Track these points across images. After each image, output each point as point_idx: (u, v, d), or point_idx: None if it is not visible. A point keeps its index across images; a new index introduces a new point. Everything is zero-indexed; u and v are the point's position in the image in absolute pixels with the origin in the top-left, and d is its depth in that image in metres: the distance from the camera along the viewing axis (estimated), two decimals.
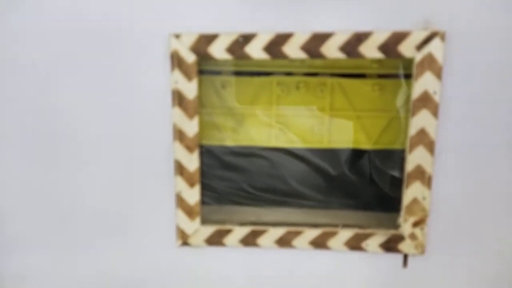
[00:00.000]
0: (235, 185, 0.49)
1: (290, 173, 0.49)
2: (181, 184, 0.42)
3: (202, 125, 0.43)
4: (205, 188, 0.45)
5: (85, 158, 0.42)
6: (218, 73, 0.43)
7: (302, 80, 0.46)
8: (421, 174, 0.42)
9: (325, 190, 0.49)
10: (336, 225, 0.44)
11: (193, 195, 0.42)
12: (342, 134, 0.47)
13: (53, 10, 0.39)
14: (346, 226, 0.44)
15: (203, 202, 0.43)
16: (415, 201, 0.42)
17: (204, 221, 0.43)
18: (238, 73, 0.44)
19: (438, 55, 0.39)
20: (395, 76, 0.43)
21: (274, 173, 0.49)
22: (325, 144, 0.48)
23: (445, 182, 0.42)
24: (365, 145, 0.47)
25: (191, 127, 0.41)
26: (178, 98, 0.40)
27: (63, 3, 0.39)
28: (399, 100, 0.43)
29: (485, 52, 0.39)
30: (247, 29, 0.39)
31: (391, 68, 0.43)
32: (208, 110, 0.45)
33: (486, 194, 0.42)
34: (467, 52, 0.39)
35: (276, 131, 0.47)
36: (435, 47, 0.39)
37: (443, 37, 0.39)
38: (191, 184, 0.41)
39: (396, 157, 0.44)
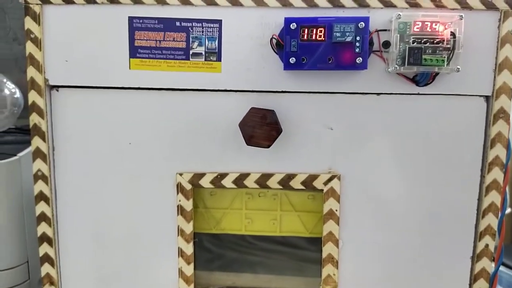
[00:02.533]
0: (217, 257, 0.75)
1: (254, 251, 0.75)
2: (182, 263, 0.69)
3: (195, 218, 0.70)
4: (197, 259, 0.71)
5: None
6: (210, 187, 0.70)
7: (262, 191, 0.73)
8: (331, 259, 0.68)
9: (276, 262, 0.75)
10: None
11: (189, 270, 0.69)
12: (289, 226, 0.74)
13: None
14: None
15: (196, 268, 0.71)
16: (328, 276, 0.68)
17: (196, 285, 0.70)
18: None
19: (337, 188, 0.66)
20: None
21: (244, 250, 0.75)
22: (278, 233, 0.74)
23: (347, 265, 0.68)
24: (304, 234, 0.73)
25: (188, 228, 0.68)
26: (181, 210, 0.68)
27: None
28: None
29: (360, 186, 0.66)
30: (222, 170, 0.67)
31: None
32: (201, 209, 0.73)
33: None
34: (354, 187, 0.66)
35: (245, 224, 0.74)
36: (335, 184, 0.66)
37: (339, 178, 0.66)
38: (188, 263, 0.69)
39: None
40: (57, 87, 0.65)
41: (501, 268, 1.23)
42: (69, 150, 0.67)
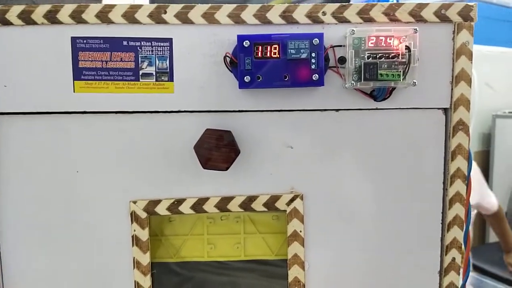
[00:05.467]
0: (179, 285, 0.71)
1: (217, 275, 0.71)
2: None
3: (154, 247, 0.66)
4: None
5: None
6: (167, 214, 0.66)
7: (224, 214, 0.69)
8: (298, 283, 0.65)
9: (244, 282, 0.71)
10: None
11: None
12: (254, 249, 0.70)
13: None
14: None
15: None
16: None
17: None
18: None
19: (300, 209, 0.64)
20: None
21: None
22: (242, 257, 0.71)
23: None
24: (270, 256, 0.70)
25: (145, 259, 0.64)
26: (136, 241, 0.64)
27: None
28: None
29: (323, 205, 0.64)
30: (179, 196, 0.63)
31: None
32: (159, 237, 0.69)
33: None
34: (318, 206, 0.64)
35: (208, 250, 0.70)
36: (297, 204, 0.63)
37: (302, 197, 0.64)
38: None
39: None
40: None
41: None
42: (11, 181, 0.62)
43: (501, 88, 2.19)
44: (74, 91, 0.59)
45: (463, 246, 0.66)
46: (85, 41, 0.58)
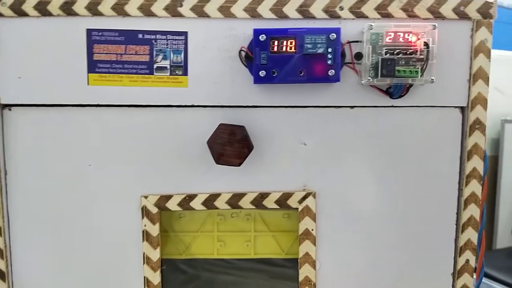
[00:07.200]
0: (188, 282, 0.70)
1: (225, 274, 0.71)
2: None
3: (163, 244, 0.65)
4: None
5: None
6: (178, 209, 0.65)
7: (235, 211, 0.69)
8: (309, 282, 0.64)
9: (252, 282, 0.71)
10: None
11: None
12: (264, 247, 0.70)
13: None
14: None
15: None
16: None
17: None
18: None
19: (312, 206, 0.63)
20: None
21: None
22: (252, 255, 0.70)
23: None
24: (280, 255, 0.70)
25: (155, 255, 0.63)
26: (146, 236, 0.63)
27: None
28: None
29: (336, 203, 0.63)
30: (191, 191, 0.63)
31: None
32: (169, 234, 0.68)
33: None
34: (330, 205, 0.63)
35: (218, 247, 0.70)
36: (310, 201, 0.63)
37: (314, 195, 0.63)
38: None
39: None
40: (10, 105, 0.60)
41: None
42: (23, 174, 0.61)
43: (511, 93, 2.17)
44: (88, 84, 0.59)
45: (477, 248, 0.65)
46: (100, 34, 0.58)
